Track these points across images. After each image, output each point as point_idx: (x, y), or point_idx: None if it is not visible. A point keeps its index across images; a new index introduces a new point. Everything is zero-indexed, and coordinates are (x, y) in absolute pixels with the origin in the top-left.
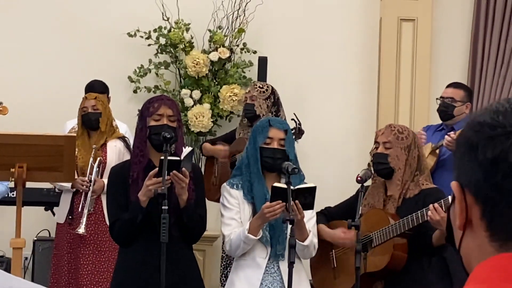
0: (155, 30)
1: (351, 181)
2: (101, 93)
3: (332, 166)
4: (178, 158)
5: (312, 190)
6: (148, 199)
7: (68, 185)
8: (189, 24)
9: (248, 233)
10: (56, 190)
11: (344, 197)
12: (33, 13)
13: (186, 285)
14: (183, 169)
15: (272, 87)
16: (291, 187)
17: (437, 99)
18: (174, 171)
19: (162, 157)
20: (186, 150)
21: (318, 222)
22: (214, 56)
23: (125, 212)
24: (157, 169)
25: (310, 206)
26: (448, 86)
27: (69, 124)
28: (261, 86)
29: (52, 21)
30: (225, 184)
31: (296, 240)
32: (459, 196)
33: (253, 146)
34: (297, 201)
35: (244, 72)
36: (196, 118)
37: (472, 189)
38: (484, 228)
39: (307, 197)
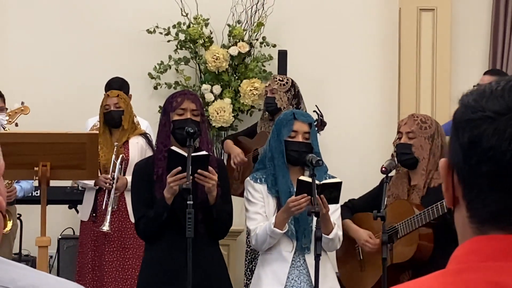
0: (174, 26)
1: (373, 173)
2: (118, 89)
3: (354, 158)
4: (185, 155)
5: (338, 185)
6: (172, 196)
7: (91, 182)
8: (208, 19)
9: (274, 227)
10: (80, 188)
11: (367, 189)
12: (53, 12)
13: (213, 283)
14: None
15: (292, 80)
16: (317, 182)
17: (474, 86)
18: (200, 170)
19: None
20: (201, 152)
21: (342, 215)
22: (233, 50)
23: (150, 209)
24: (180, 167)
25: (336, 201)
26: (485, 73)
27: (91, 122)
28: (281, 79)
29: (71, 20)
30: (248, 178)
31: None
32: (444, 173)
33: (277, 139)
34: (322, 196)
35: (264, 66)
36: (217, 113)
37: (456, 168)
38: (465, 208)
39: (332, 191)
